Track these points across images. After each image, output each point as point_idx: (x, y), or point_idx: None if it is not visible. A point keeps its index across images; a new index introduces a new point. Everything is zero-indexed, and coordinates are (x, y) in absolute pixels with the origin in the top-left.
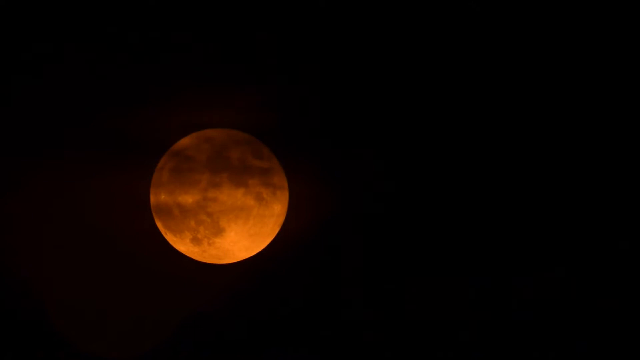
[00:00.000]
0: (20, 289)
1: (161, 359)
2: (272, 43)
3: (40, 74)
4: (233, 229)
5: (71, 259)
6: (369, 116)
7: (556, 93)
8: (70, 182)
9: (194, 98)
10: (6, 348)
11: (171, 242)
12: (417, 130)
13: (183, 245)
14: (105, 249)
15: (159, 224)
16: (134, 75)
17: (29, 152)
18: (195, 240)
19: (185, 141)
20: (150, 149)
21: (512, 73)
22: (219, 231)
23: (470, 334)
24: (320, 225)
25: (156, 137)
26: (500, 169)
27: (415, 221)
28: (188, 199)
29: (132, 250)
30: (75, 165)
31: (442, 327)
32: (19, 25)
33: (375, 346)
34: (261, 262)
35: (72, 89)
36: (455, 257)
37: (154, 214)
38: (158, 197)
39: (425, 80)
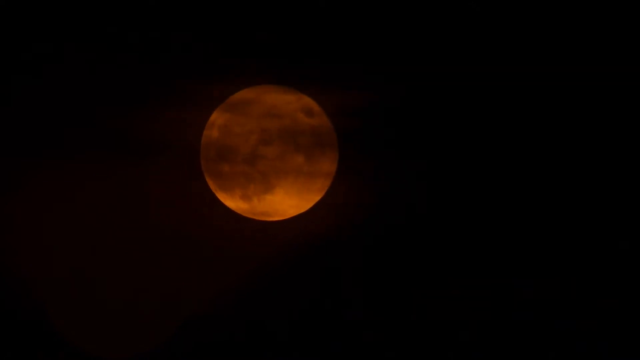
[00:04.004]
0: (20, 289)
1: (161, 359)
2: (272, 43)
3: (40, 74)
4: (283, 186)
5: (71, 259)
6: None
7: (554, 94)
8: (70, 182)
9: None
10: (6, 348)
11: (221, 199)
12: (420, 130)
13: (233, 202)
14: (105, 248)
15: (209, 181)
16: (134, 75)
17: (29, 152)
18: (245, 197)
19: (235, 98)
20: (150, 148)
21: (516, 75)
22: (268, 188)
23: (470, 334)
24: (333, 227)
25: (156, 136)
26: (500, 170)
27: (415, 221)
28: (238, 156)
29: (134, 248)
30: (75, 165)
31: (442, 327)
32: (19, 25)
33: (375, 346)
34: (310, 219)
35: (72, 89)
36: (456, 257)
37: (204, 171)
38: (208, 153)
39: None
